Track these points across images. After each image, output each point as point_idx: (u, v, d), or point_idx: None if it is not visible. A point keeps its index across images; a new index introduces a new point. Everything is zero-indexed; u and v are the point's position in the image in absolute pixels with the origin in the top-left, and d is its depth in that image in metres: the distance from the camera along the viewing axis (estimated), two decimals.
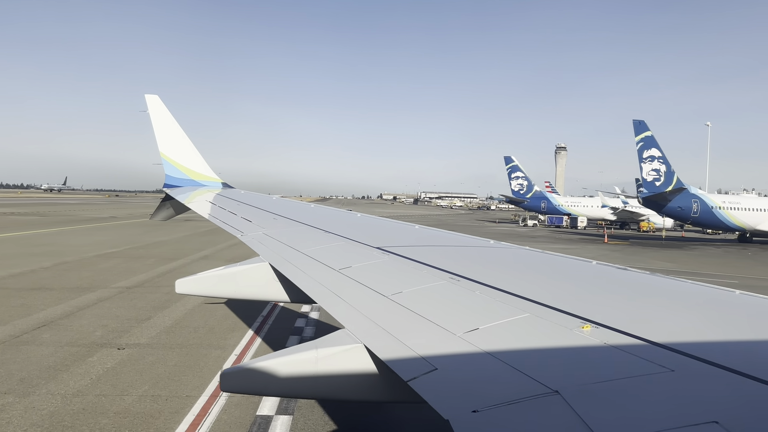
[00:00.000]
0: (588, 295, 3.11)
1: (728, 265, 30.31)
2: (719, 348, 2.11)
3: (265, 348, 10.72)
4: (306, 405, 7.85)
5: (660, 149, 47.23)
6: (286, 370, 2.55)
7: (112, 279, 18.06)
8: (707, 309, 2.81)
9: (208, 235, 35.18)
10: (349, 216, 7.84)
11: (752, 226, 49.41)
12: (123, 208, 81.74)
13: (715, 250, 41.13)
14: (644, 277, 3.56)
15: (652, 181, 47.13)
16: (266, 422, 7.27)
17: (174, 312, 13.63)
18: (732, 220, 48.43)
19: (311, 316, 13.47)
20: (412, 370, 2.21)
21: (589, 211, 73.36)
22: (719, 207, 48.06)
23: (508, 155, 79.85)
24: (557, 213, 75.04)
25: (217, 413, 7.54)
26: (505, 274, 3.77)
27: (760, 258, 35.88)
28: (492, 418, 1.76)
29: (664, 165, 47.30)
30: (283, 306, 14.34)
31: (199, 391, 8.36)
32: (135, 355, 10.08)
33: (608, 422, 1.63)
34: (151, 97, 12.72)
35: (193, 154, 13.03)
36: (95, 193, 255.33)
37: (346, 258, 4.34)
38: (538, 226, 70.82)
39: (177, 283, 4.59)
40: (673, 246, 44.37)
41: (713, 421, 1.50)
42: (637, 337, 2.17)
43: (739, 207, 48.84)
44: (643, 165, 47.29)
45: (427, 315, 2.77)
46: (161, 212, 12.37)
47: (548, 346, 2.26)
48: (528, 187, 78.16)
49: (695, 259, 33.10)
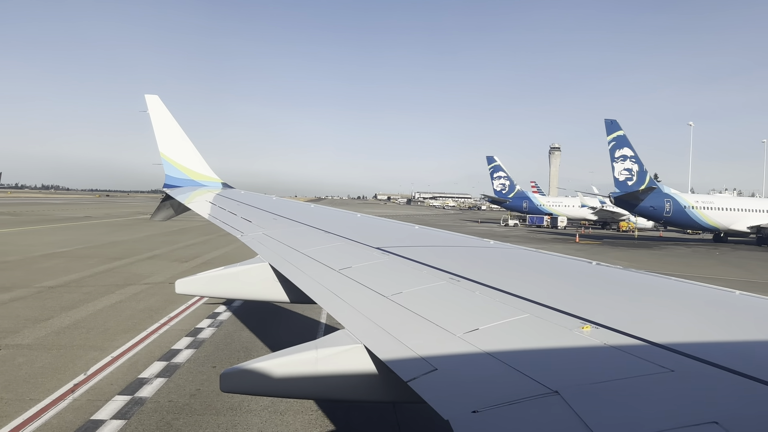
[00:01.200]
0: (588, 296, 3.11)
1: (690, 265, 30.16)
2: (719, 348, 2.11)
3: (149, 350, 10.57)
4: (147, 411, 7.64)
5: (632, 148, 46.95)
6: (286, 371, 2.55)
7: (40, 279, 17.97)
8: (707, 309, 2.81)
9: (172, 235, 35.40)
10: (349, 216, 7.84)
11: (726, 226, 49.05)
12: (106, 207, 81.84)
13: (683, 251, 40.73)
14: (644, 277, 3.56)
15: (624, 181, 46.86)
16: (94, 426, 7.04)
17: (79, 312, 13.43)
18: (705, 219, 48.15)
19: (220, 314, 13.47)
20: (412, 370, 2.21)
21: (571, 211, 72.99)
22: (692, 206, 47.78)
23: (491, 155, 79.41)
24: (539, 213, 74.63)
25: (49, 417, 7.29)
26: (505, 275, 3.77)
27: (726, 258, 35.44)
28: (492, 418, 1.76)
29: (637, 164, 47.02)
30: (196, 307, 14.41)
31: (45, 395, 8.09)
32: (7, 356, 9.90)
33: (608, 423, 1.63)
34: (151, 97, 12.72)
35: (193, 154, 13.04)
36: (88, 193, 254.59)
37: (346, 258, 4.34)
38: (519, 226, 70.39)
39: (177, 284, 4.59)
40: (643, 246, 44.04)
41: (713, 422, 1.50)
42: (637, 337, 2.17)
43: (713, 207, 48.51)
44: (615, 164, 47.03)
45: (427, 315, 2.77)
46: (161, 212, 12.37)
47: (548, 346, 2.26)
48: (510, 187, 77.74)
49: (659, 259, 32.96)
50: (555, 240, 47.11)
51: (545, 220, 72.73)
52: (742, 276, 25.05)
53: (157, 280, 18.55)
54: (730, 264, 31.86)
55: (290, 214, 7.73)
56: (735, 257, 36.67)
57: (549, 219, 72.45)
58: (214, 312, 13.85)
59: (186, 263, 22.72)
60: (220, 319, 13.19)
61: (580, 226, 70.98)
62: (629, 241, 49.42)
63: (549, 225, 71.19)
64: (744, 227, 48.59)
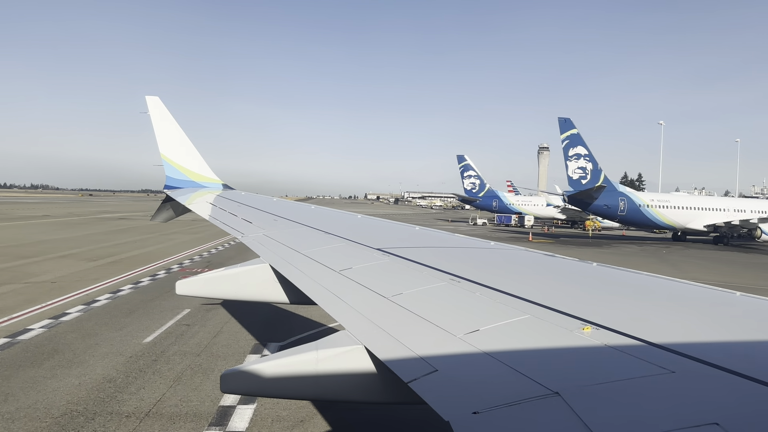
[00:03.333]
0: (588, 297, 3.11)
1: (629, 264, 29.98)
2: (720, 349, 2.11)
3: None
4: None
5: (586, 147, 46.60)
6: (287, 371, 2.55)
7: None
8: (708, 310, 2.81)
9: (112, 234, 35.87)
10: (350, 217, 7.84)
11: (683, 225, 48.81)
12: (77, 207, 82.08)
13: (631, 249, 40.35)
14: (644, 278, 3.56)
15: (578, 179, 46.54)
16: None
17: None
18: (661, 218, 47.85)
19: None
20: (412, 371, 2.21)
21: (540, 210, 72.40)
22: (647, 205, 47.46)
23: (461, 154, 78.47)
24: (508, 212, 73.98)
25: None
26: (505, 276, 3.77)
27: (668, 257, 35.15)
28: (493, 419, 1.76)
29: (591, 163, 46.68)
30: (45, 310, 14.32)
31: None
32: None
33: (609, 424, 1.63)
34: (151, 98, 12.70)
35: (193, 155, 13.02)
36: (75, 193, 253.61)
37: (346, 259, 4.34)
38: (488, 225, 69.73)
39: (177, 284, 4.59)
40: (594, 244, 43.80)
41: (714, 423, 1.50)
42: (638, 338, 2.17)
43: (669, 205, 48.20)
44: (568, 163, 46.65)
45: (427, 316, 2.77)
46: (162, 213, 12.36)
47: (549, 347, 2.26)
48: (480, 186, 76.90)
49: (602, 257, 32.81)
50: (510, 239, 47.05)
51: (513, 219, 72.15)
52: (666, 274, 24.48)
53: (43, 279, 18.65)
54: (666, 262, 31.75)
55: (290, 215, 7.73)
56: (679, 256, 36.33)
57: (517, 218, 71.92)
58: (55, 316, 13.68)
59: (93, 262, 22.79)
60: (62, 320, 13.17)
61: (553, 225, 70.54)
62: (583, 240, 49.06)
63: (517, 224, 70.55)
64: (701, 226, 48.25)
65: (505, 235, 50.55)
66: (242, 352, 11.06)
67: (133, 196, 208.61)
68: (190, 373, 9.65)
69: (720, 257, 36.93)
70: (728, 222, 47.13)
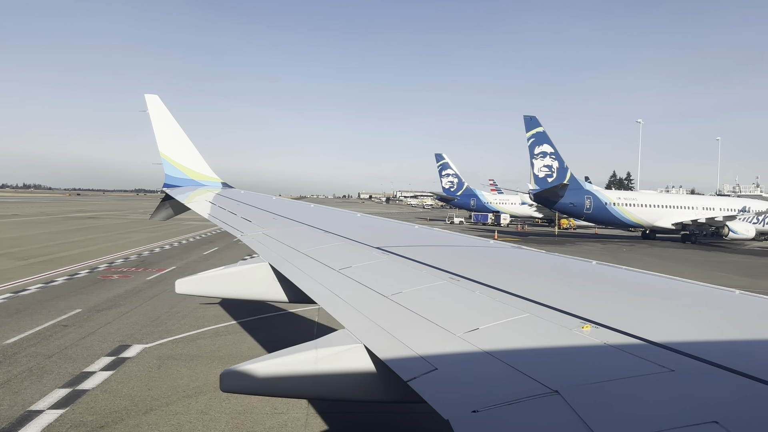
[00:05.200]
0: (588, 295, 3.11)
1: None
2: (719, 348, 2.11)
3: None
4: None
5: (552, 145, 46.22)
6: (286, 370, 2.55)
7: None
8: (707, 309, 2.81)
9: (64, 234, 35.52)
10: (350, 216, 7.83)
11: (650, 223, 48.46)
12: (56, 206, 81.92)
13: (593, 248, 39.96)
14: (644, 276, 3.56)
15: (544, 178, 46.10)
16: None
17: None
18: (628, 216, 47.49)
19: None
20: (412, 370, 2.21)
21: (517, 209, 71.79)
22: (614, 203, 47.12)
23: (439, 152, 77.52)
24: (486, 210, 73.40)
25: None
26: (504, 274, 3.77)
27: (627, 256, 34.73)
28: (492, 418, 1.76)
29: (557, 161, 46.28)
30: None
31: None
32: None
33: (608, 422, 1.63)
34: (151, 96, 12.67)
35: (193, 153, 13.00)
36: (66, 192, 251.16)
37: (345, 258, 4.34)
38: (464, 224, 68.85)
39: (177, 283, 4.58)
40: (557, 242, 43.42)
41: (713, 421, 1.50)
42: (637, 337, 2.17)
43: (636, 203, 47.84)
44: (534, 161, 46.18)
45: (426, 315, 2.77)
46: (161, 212, 12.35)
47: (548, 346, 2.26)
48: (458, 185, 76.19)
49: None
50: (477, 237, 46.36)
51: (489, 217, 71.49)
52: None
53: None
54: (622, 260, 31.28)
55: (290, 213, 7.72)
56: (636, 254, 35.97)
57: (493, 216, 71.28)
58: None
59: (22, 261, 22.50)
60: None
61: (534, 223, 69.91)
62: (549, 238, 48.68)
63: (493, 222, 69.78)
64: (669, 224, 47.97)
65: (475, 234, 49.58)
66: (98, 353, 10.57)
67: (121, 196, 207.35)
68: (25, 376, 9.22)
69: (677, 255, 36.37)
70: (695, 220, 46.84)
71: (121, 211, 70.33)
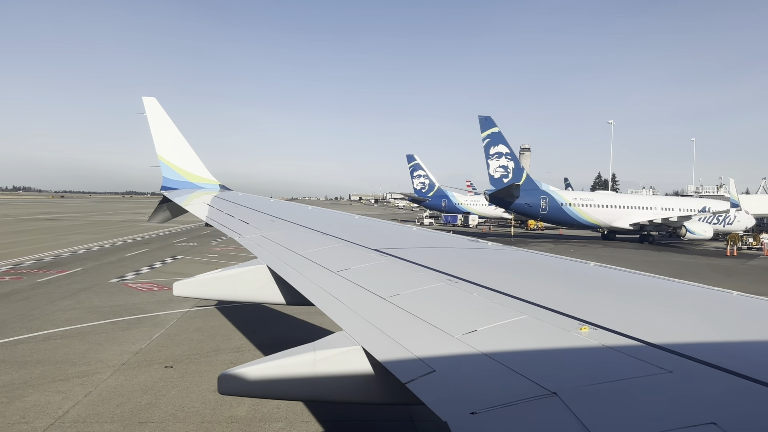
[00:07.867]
0: (586, 297, 3.11)
1: None
2: (717, 349, 2.11)
3: None
4: None
5: (508, 146, 46.09)
6: (284, 373, 2.55)
7: None
8: (705, 310, 2.81)
9: (16, 234, 35.53)
10: (348, 218, 7.83)
11: (608, 224, 48.37)
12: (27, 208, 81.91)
13: (541, 248, 38.78)
14: (642, 278, 3.56)
15: (500, 178, 46.05)
16: None
17: None
18: (585, 217, 47.40)
19: None
20: (410, 372, 2.20)
21: (486, 210, 70.92)
22: (569, 204, 47.04)
23: (411, 153, 76.98)
24: (457, 211, 73.22)
25: None
26: (503, 276, 3.77)
27: (574, 255, 34.23)
28: (490, 419, 1.76)
29: (512, 162, 46.22)
30: None
31: None
32: None
33: (606, 424, 1.63)
34: (148, 99, 12.65)
35: (190, 156, 12.98)
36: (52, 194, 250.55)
37: (343, 260, 4.33)
38: (434, 225, 68.60)
39: (175, 285, 4.57)
40: (510, 243, 42.63)
41: (711, 422, 1.50)
42: (635, 338, 2.17)
43: (592, 204, 47.79)
44: (489, 162, 46.04)
45: (425, 317, 2.76)
46: (159, 215, 12.32)
47: (546, 347, 2.26)
48: (430, 186, 75.65)
49: None
50: None
51: (459, 218, 71.44)
52: None
53: None
54: None
55: (288, 215, 7.71)
56: (582, 254, 35.49)
57: (462, 218, 71.30)
58: None
59: None
60: None
61: (507, 225, 68.92)
62: (505, 239, 48.02)
63: (462, 223, 69.77)
64: (626, 225, 47.92)
65: None
66: None
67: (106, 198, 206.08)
68: None
69: (619, 256, 36.21)
70: (651, 221, 46.82)
71: (89, 213, 69.41)
